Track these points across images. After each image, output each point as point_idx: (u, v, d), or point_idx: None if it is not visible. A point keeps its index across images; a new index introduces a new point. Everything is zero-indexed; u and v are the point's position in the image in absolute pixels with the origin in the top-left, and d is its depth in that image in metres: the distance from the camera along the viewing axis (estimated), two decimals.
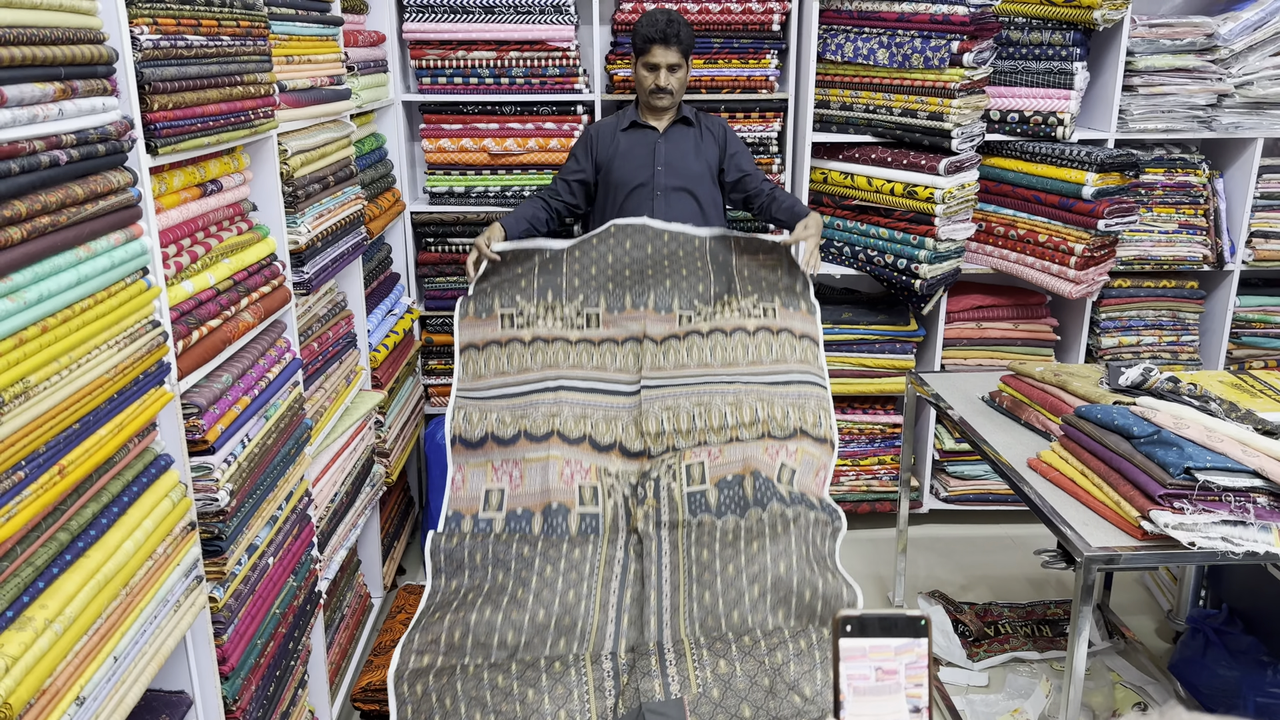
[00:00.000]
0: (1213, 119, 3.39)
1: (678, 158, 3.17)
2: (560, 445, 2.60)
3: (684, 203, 3.16)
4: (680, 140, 3.18)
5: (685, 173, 3.15)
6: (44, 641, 1.25)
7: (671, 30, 3.01)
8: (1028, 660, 2.98)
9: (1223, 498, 1.92)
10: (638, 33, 3.04)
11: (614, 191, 3.19)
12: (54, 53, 1.31)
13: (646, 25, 3.03)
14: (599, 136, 3.22)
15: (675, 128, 3.20)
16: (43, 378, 1.28)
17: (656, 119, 3.19)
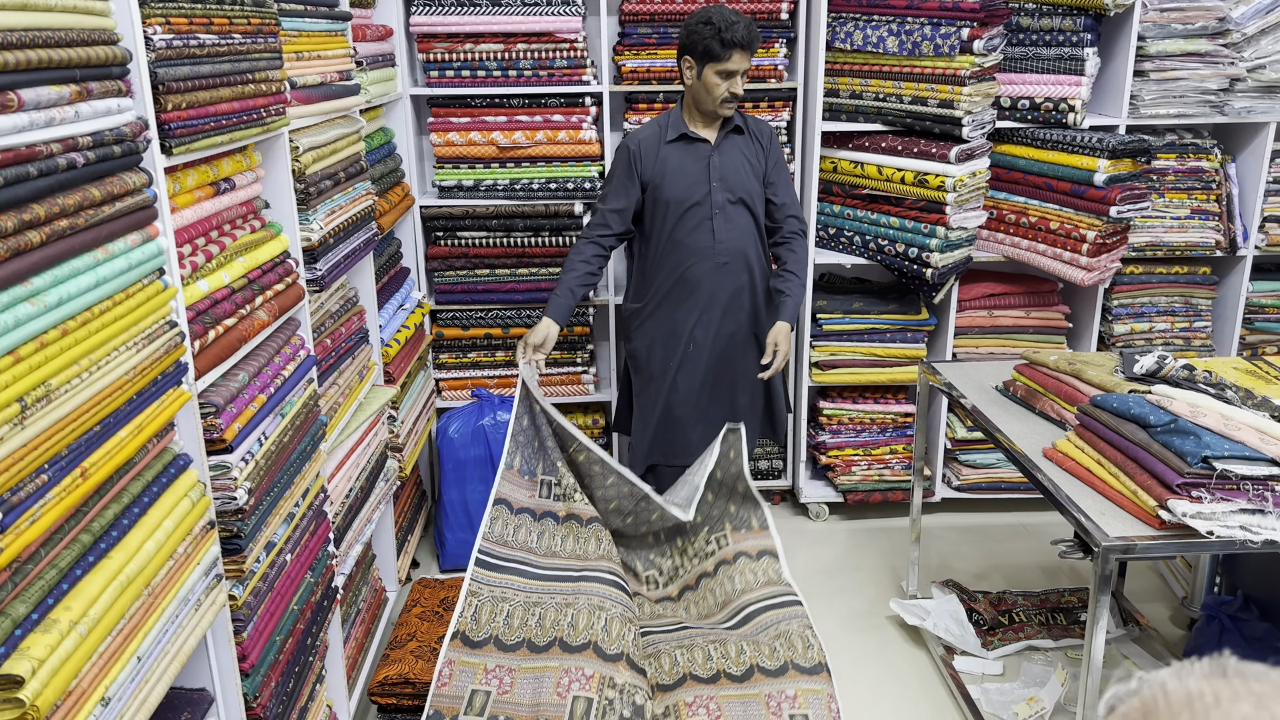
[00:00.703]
0: (1225, 103, 3.36)
1: (732, 171, 2.92)
2: (560, 655, 2.33)
3: (741, 218, 2.94)
4: (732, 151, 2.93)
5: (740, 186, 2.92)
6: (69, 643, 1.25)
7: (753, 33, 2.77)
8: (1043, 648, 2.98)
9: (1241, 486, 1.91)
10: (713, 36, 2.73)
11: (665, 210, 2.92)
12: (69, 54, 1.31)
13: (727, 28, 2.73)
14: (642, 153, 2.92)
15: (728, 138, 2.94)
16: (63, 381, 1.28)
17: (708, 129, 2.93)
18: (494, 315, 3.66)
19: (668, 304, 2.97)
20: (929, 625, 2.99)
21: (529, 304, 3.65)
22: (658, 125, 2.97)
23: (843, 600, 3.25)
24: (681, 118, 2.94)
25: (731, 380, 3.04)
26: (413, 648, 2.77)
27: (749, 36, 2.75)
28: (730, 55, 2.75)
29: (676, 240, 2.92)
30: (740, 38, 2.74)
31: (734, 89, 2.81)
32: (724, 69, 2.78)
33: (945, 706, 2.78)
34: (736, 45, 2.74)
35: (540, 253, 3.60)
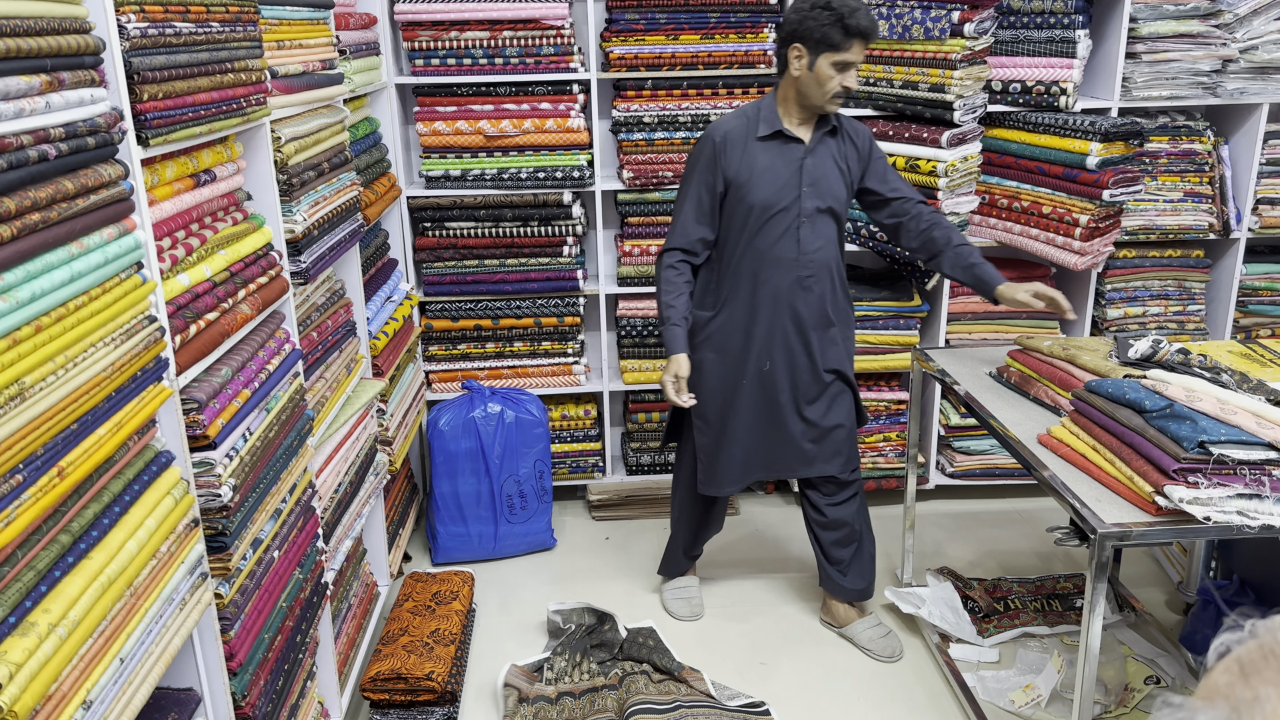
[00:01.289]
0: (1217, 85, 3.34)
1: (823, 175, 2.69)
2: None
3: (826, 228, 2.73)
4: (825, 154, 2.70)
5: (829, 192, 2.70)
6: (48, 646, 1.23)
7: (875, 21, 2.56)
8: (1038, 635, 2.97)
9: (1237, 471, 1.90)
10: (832, 23, 2.50)
11: (747, 215, 2.69)
12: (39, 44, 1.28)
13: (850, 14, 2.49)
14: (727, 147, 2.67)
15: (822, 140, 2.70)
16: (38, 378, 1.25)
17: (803, 127, 2.68)
18: (483, 306, 3.63)
19: (740, 316, 2.77)
20: (924, 613, 2.98)
21: (518, 294, 3.62)
22: (745, 117, 2.71)
23: None
24: (776, 111, 2.68)
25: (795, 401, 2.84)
26: (405, 642, 2.75)
27: (872, 25, 2.53)
28: (851, 45, 2.52)
29: (757, 249, 2.70)
30: (864, 25, 2.51)
31: (847, 82, 2.58)
32: (841, 60, 2.54)
33: (941, 694, 2.77)
34: (859, 34, 2.51)
35: (529, 242, 3.57)
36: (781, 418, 2.85)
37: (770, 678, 2.86)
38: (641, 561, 3.47)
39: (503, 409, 3.42)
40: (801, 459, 2.89)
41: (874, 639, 2.96)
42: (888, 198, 2.82)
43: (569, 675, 2.83)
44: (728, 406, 2.85)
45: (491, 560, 3.50)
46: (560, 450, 3.80)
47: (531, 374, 3.73)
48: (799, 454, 2.88)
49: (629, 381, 3.74)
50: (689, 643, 3.01)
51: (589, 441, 3.82)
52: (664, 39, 3.43)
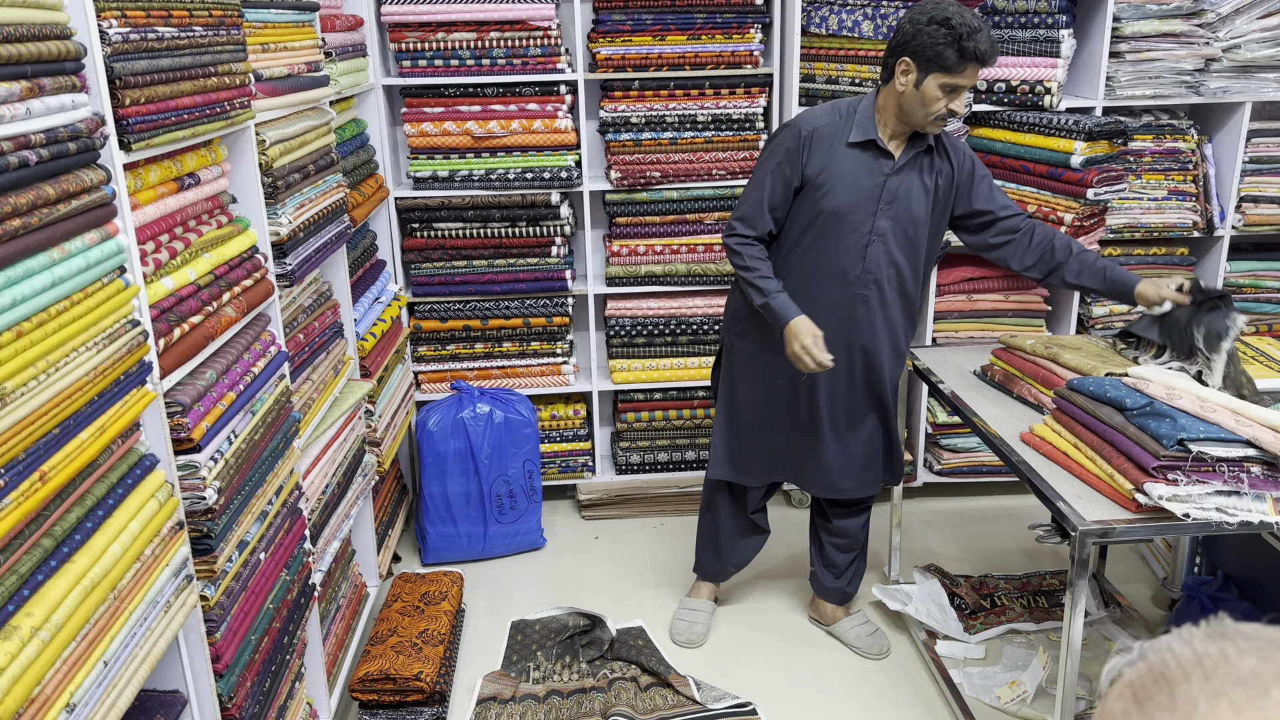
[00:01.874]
0: (1200, 84, 3.36)
1: (905, 195, 2.53)
2: None
3: (899, 251, 2.56)
4: (912, 175, 2.53)
5: (907, 214, 2.53)
6: (31, 650, 1.23)
7: (996, 46, 2.36)
8: (1024, 632, 2.99)
9: (1216, 468, 1.91)
10: (949, 42, 2.30)
11: (815, 219, 2.53)
12: (19, 50, 1.28)
13: (969, 35, 2.29)
14: (814, 143, 2.50)
15: (914, 158, 2.53)
16: (20, 383, 1.26)
17: (896, 140, 2.51)
18: (472, 307, 3.64)
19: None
20: (911, 610, 3.00)
21: (507, 295, 3.63)
22: (837, 115, 2.52)
23: None
24: (872, 118, 2.50)
25: (832, 417, 2.74)
26: (394, 643, 2.76)
27: (991, 49, 2.33)
28: (965, 68, 2.33)
29: (819, 256, 2.57)
30: (983, 50, 2.31)
31: (955, 106, 2.39)
32: (952, 82, 2.35)
33: (928, 691, 2.79)
34: (976, 58, 2.31)
35: (518, 243, 3.57)
36: (816, 430, 2.75)
37: (757, 676, 2.88)
38: (631, 560, 3.48)
39: (492, 409, 3.43)
40: (826, 479, 2.81)
41: (861, 637, 2.97)
42: (999, 216, 2.63)
43: (558, 674, 2.84)
44: (761, 401, 2.77)
45: (481, 560, 3.51)
46: (549, 450, 3.81)
47: (520, 374, 3.74)
48: (824, 472, 2.80)
49: (618, 381, 3.75)
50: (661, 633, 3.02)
51: (578, 441, 3.83)
52: (651, 40, 3.44)
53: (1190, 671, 0.51)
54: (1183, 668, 0.52)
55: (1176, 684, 0.51)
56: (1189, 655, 0.53)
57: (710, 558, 3.10)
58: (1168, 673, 0.52)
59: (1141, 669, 0.55)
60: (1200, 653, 0.52)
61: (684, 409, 3.83)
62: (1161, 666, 0.53)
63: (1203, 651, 0.52)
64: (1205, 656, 0.52)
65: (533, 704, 2.72)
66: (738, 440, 2.86)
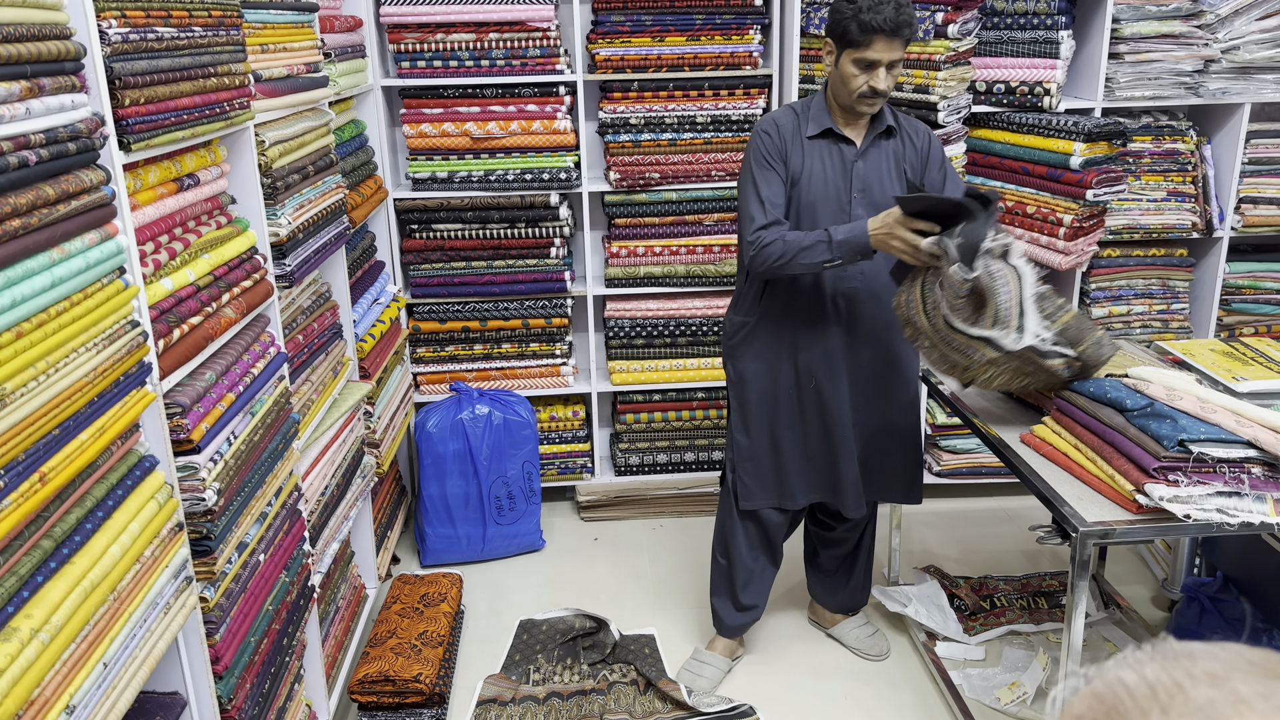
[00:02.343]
0: (1199, 85, 3.36)
1: (876, 181, 2.49)
2: None
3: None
4: (879, 157, 2.50)
5: (883, 201, 2.46)
6: (30, 652, 1.23)
7: (903, 17, 2.29)
8: (1024, 633, 2.99)
9: (1217, 469, 1.91)
10: (851, 17, 2.30)
11: (797, 218, 2.49)
12: (18, 50, 1.28)
13: (869, 8, 2.28)
14: (782, 143, 2.48)
15: (876, 142, 2.50)
16: (19, 384, 1.25)
17: (852, 127, 2.48)
18: (471, 308, 3.64)
19: (781, 324, 2.58)
20: (911, 612, 3.00)
21: (506, 296, 3.62)
22: (794, 113, 2.52)
23: None
24: (825, 109, 2.49)
25: (862, 428, 2.66)
26: (393, 645, 2.75)
27: (896, 21, 2.28)
28: (871, 41, 2.30)
29: None
30: (883, 21, 2.27)
31: (875, 83, 2.34)
32: (862, 57, 2.33)
33: (928, 692, 2.78)
34: (878, 30, 2.28)
35: (517, 244, 3.57)
36: (836, 442, 2.63)
37: (757, 678, 2.87)
38: (630, 562, 3.48)
39: (491, 410, 3.43)
40: (856, 492, 2.68)
41: (861, 638, 2.97)
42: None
43: (559, 676, 2.84)
44: (774, 419, 2.66)
45: (480, 562, 3.50)
46: (549, 451, 3.81)
47: (519, 375, 3.73)
48: (854, 484, 2.67)
49: (617, 382, 3.74)
50: (677, 643, 3.02)
51: (577, 442, 3.82)
52: (650, 41, 3.44)
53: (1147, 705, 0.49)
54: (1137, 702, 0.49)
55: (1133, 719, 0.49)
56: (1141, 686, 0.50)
57: (728, 608, 2.88)
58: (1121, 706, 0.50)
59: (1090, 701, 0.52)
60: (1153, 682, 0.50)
61: (683, 410, 3.83)
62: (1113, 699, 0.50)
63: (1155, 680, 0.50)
64: (1159, 686, 0.49)
65: (532, 705, 2.72)
66: (762, 464, 2.70)
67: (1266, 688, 0.47)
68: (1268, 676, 0.48)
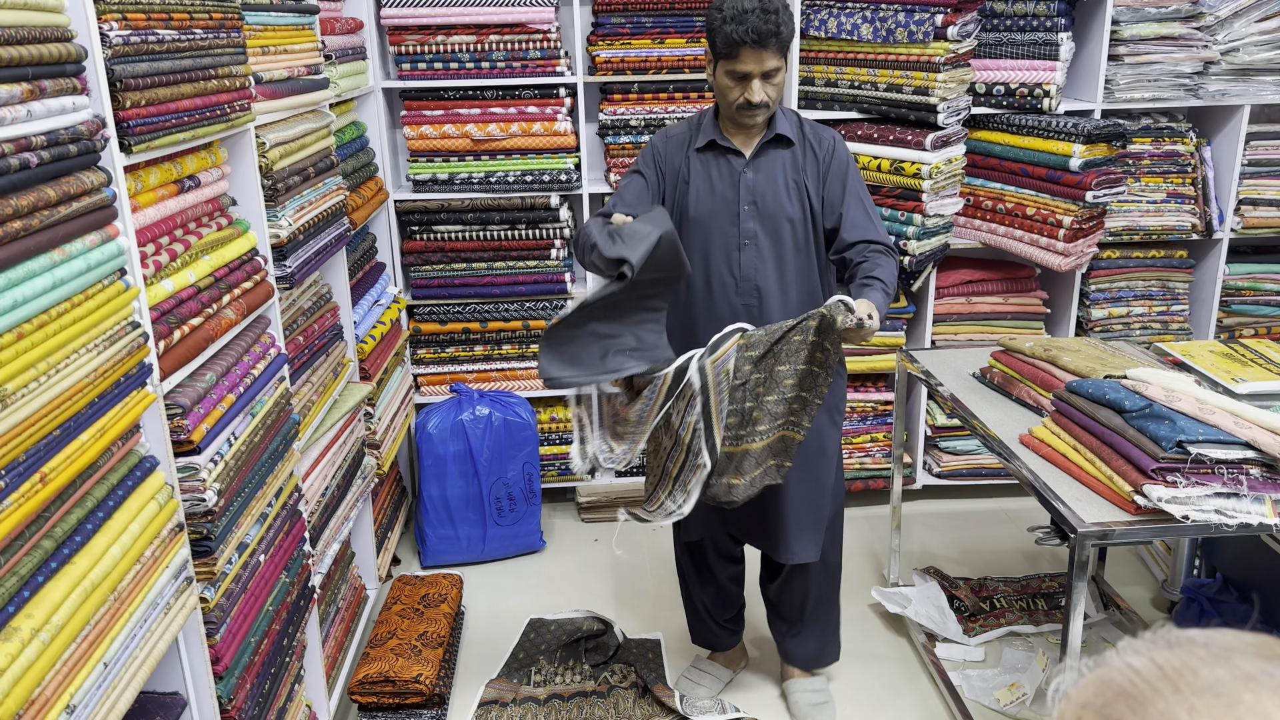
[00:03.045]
0: (1199, 87, 3.37)
1: (769, 191, 2.33)
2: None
3: (779, 255, 2.35)
4: (772, 167, 2.34)
5: (779, 212, 2.33)
6: (31, 651, 1.23)
7: (769, 26, 2.14)
8: (1024, 634, 2.99)
9: (1216, 470, 1.91)
10: (717, 29, 2.18)
11: (686, 231, 2.35)
12: (20, 53, 1.28)
13: (731, 20, 2.15)
14: (666, 154, 2.40)
15: (768, 150, 2.34)
16: (20, 385, 1.26)
17: (743, 137, 2.35)
18: (471, 309, 3.64)
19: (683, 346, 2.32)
20: (910, 613, 3.00)
21: (506, 298, 3.63)
22: (689, 125, 2.42)
23: None
24: (714, 120, 2.37)
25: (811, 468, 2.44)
26: (393, 645, 2.75)
27: (760, 31, 2.13)
28: (737, 53, 2.17)
29: (696, 273, 2.36)
30: (745, 33, 2.13)
31: (750, 95, 2.21)
32: (732, 69, 2.21)
33: (927, 694, 2.79)
34: (740, 42, 2.15)
35: (517, 245, 3.58)
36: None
37: (756, 681, 2.87)
38: (630, 563, 3.48)
39: (491, 412, 3.43)
40: (772, 536, 2.50)
41: (802, 704, 2.67)
42: (833, 224, 2.35)
43: (560, 676, 2.84)
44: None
45: (480, 563, 3.51)
46: (549, 453, 3.81)
47: (520, 376, 3.74)
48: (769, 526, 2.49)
49: (617, 384, 3.74)
50: (676, 649, 3.02)
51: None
52: (650, 43, 3.44)
53: (1159, 685, 0.49)
54: (1149, 682, 0.50)
55: (1147, 699, 0.49)
56: (1151, 668, 0.50)
57: (699, 622, 2.80)
58: (1133, 689, 0.50)
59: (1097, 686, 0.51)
60: (1162, 664, 0.50)
61: None
62: (1124, 683, 0.50)
63: (1164, 663, 0.50)
64: (1168, 668, 0.50)
65: (533, 706, 2.72)
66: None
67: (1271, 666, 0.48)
68: (1267, 657, 0.49)
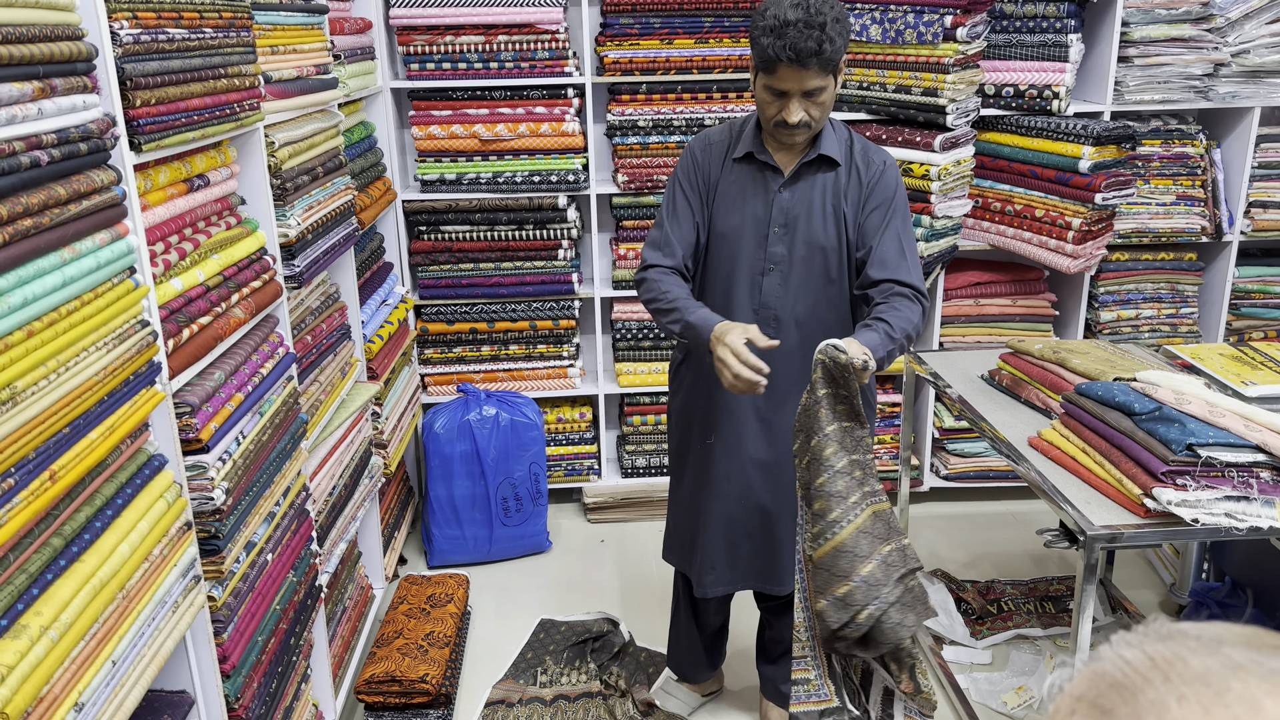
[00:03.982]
0: (1209, 89, 3.36)
1: (803, 214, 2.14)
2: None
3: (806, 284, 2.17)
4: (809, 189, 2.14)
5: (810, 238, 2.14)
6: (40, 649, 1.23)
7: (810, 44, 1.91)
8: (1031, 637, 2.98)
9: (1225, 473, 1.91)
10: (756, 40, 1.99)
11: (716, 246, 2.21)
12: (31, 51, 1.29)
13: (771, 33, 1.94)
14: (705, 164, 2.21)
15: (808, 170, 2.14)
16: (30, 383, 1.26)
17: (784, 152, 2.15)
18: (479, 309, 3.64)
19: (702, 368, 2.26)
20: None
21: (513, 298, 3.63)
22: (730, 131, 2.23)
23: None
24: (756, 130, 2.18)
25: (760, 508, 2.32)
26: (399, 645, 2.76)
27: (799, 50, 1.92)
28: (775, 69, 1.98)
29: (720, 291, 2.22)
30: (783, 49, 1.93)
31: (788, 115, 2.02)
32: (771, 84, 2.02)
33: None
34: (777, 59, 1.95)
35: (525, 246, 3.58)
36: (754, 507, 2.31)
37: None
38: (636, 564, 3.48)
39: (498, 412, 3.43)
40: (776, 570, 2.37)
41: None
42: (864, 253, 2.14)
43: (566, 677, 2.84)
44: (683, 473, 2.43)
45: (487, 563, 3.51)
46: (555, 453, 3.81)
47: (527, 377, 3.74)
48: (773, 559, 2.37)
49: (624, 384, 3.74)
50: None
51: (584, 444, 3.83)
52: (658, 43, 3.44)
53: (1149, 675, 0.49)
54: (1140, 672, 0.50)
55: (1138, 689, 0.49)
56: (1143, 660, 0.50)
57: (678, 648, 2.69)
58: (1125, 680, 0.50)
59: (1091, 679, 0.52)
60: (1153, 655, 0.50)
61: None
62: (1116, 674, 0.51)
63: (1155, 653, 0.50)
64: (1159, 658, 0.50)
65: (539, 707, 2.72)
66: (678, 519, 2.47)
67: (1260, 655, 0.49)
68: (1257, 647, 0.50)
